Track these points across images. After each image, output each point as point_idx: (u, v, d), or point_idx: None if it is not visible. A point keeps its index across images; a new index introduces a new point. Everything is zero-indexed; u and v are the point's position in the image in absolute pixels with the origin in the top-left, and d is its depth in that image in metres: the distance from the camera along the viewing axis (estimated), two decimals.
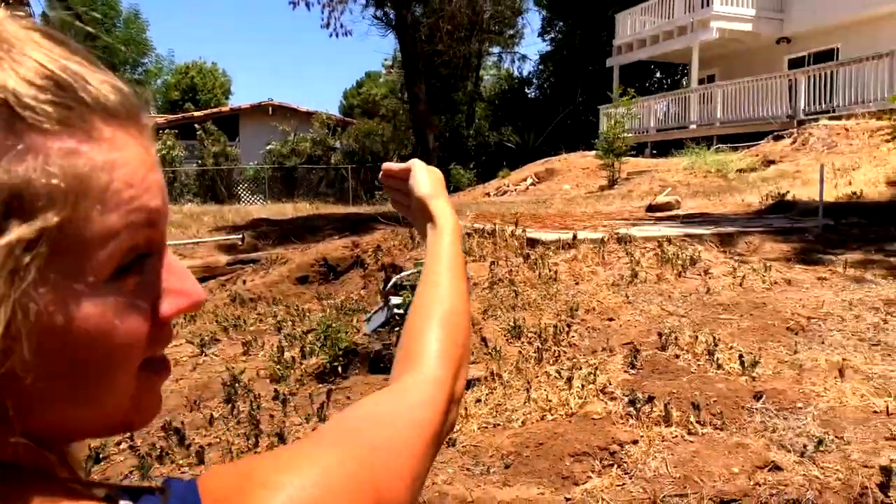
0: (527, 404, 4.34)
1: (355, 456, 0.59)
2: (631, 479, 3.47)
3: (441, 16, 26.59)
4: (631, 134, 17.30)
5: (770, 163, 13.77)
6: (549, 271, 5.84)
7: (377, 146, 29.89)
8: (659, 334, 4.84)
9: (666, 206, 10.70)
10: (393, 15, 13.72)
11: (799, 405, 3.95)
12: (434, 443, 0.69)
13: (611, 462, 3.63)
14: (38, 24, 0.47)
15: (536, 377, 4.61)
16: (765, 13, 20.33)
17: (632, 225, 7.93)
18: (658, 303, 5.43)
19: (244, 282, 9.24)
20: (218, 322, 7.31)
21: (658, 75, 30.19)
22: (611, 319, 5.26)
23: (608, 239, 6.66)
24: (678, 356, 4.62)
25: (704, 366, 4.46)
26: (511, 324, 5.14)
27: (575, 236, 6.53)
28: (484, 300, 5.50)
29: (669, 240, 6.60)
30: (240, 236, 11.63)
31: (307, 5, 14.95)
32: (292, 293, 8.88)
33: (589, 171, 18.08)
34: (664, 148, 19.86)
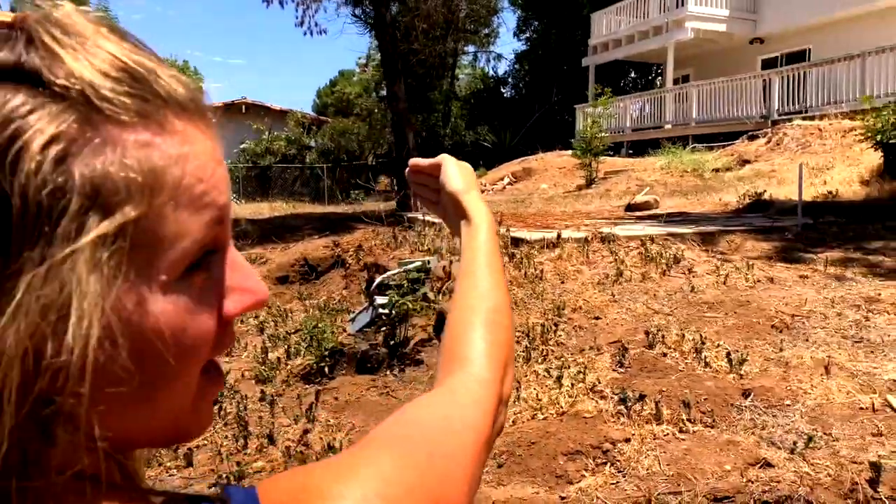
0: (517, 403, 4.34)
1: (414, 464, 0.58)
2: (625, 478, 3.49)
3: (417, 14, 26.55)
4: (607, 133, 17.41)
5: (745, 162, 13.94)
6: (535, 270, 5.85)
7: (353, 145, 29.77)
8: (646, 332, 4.87)
9: (645, 206, 10.79)
10: (372, 13, 13.67)
11: (787, 402, 4.00)
12: (486, 447, 0.67)
13: (604, 460, 3.65)
14: (106, 19, 0.46)
15: (525, 376, 4.61)
16: (738, 14, 20.58)
17: (613, 224, 7.98)
18: (643, 301, 5.47)
19: None
20: None
21: (633, 75, 30.42)
22: (597, 318, 5.28)
23: (592, 238, 6.69)
24: (665, 354, 4.65)
25: (692, 364, 4.49)
26: None
27: (559, 235, 6.55)
28: None
29: (652, 238, 6.65)
30: None
31: (280, 3, 14.81)
32: (273, 293, 8.80)
33: (566, 171, 18.17)
34: (640, 147, 20.03)
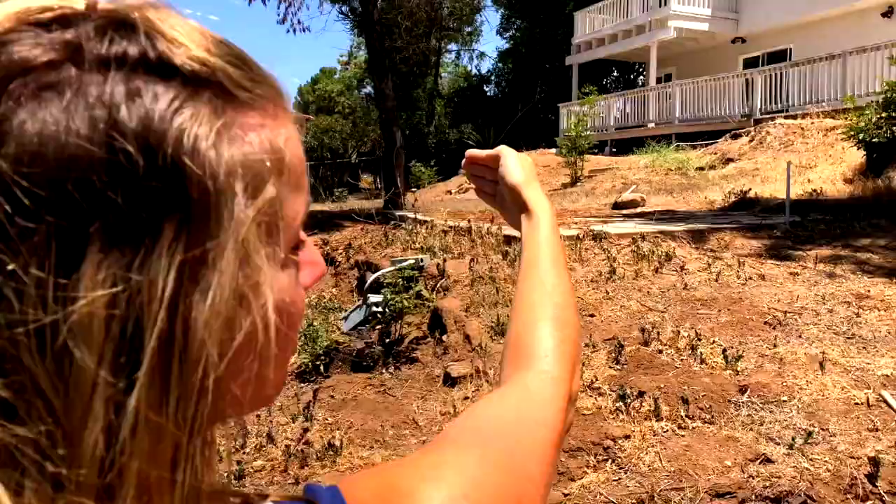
0: None
1: (495, 462, 0.58)
2: (626, 474, 3.51)
3: (400, 12, 26.52)
4: (592, 132, 17.49)
5: (729, 161, 14.06)
6: None
7: (336, 143, 29.66)
8: (641, 329, 4.90)
9: (632, 204, 10.85)
10: (359, 10, 13.62)
11: (783, 398, 4.04)
12: (559, 445, 0.67)
13: (605, 457, 3.67)
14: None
15: None
16: (720, 13, 20.73)
17: (603, 222, 8.01)
18: (637, 298, 5.50)
19: None
20: None
21: (615, 74, 30.56)
22: (592, 315, 5.31)
23: (583, 236, 6.71)
24: (661, 351, 4.69)
25: (688, 360, 4.53)
26: (494, 321, 5.14)
27: None
28: (466, 297, 5.50)
29: (643, 236, 6.69)
30: None
31: (262, 0, 14.70)
32: None
33: (550, 169, 18.21)
34: (624, 146, 20.13)
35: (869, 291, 5.33)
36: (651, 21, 21.01)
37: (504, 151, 0.95)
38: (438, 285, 5.84)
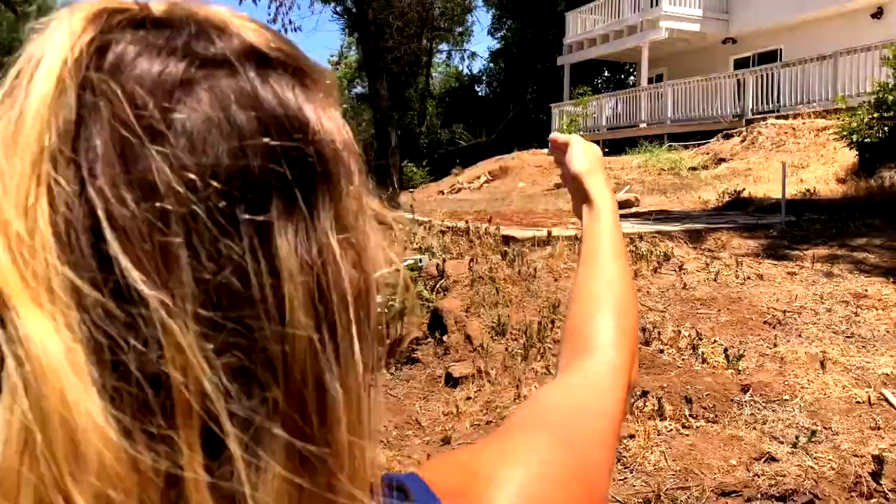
0: (517, 401, 4.36)
1: (568, 447, 0.60)
2: (632, 473, 3.52)
3: (392, 12, 26.50)
4: (584, 132, 17.53)
5: (721, 161, 14.13)
6: (528, 268, 5.88)
7: None
8: (642, 329, 4.91)
9: (626, 204, 10.89)
10: (353, 10, 13.59)
11: (785, 397, 4.07)
12: (618, 435, 0.69)
13: None
14: None
15: (524, 374, 4.63)
16: (711, 14, 20.81)
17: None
18: (637, 298, 5.51)
19: None
20: None
21: (606, 74, 30.64)
22: None
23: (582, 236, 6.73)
24: (662, 351, 4.70)
25: (690, 360, 4.55)
26: (495, 321, 5.15)
27: (550, 233, 6.59)
28: (466, 298, 5.50)
29: (641, 236, 6.71)
30: None
31: (253, 0, 14.64)
32: None
33: (542, 169, 18.25)
34: (616, 146, 20.19)
35: (866, 291, 5.37)
36: (642, 21, 21.08)
37: (573, 139, 0.96)
38: (438, 285, 5.84)
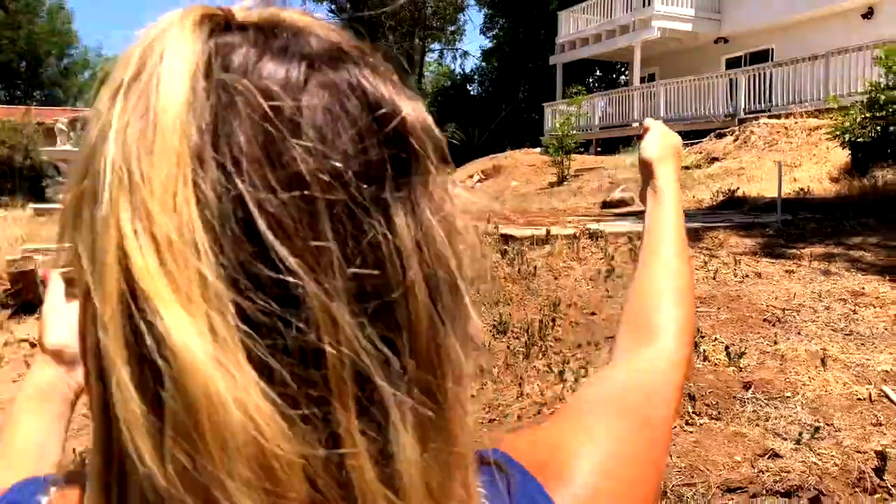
0: (520, 399, 4.38)
1: (641, 428, 0.62)
2: None
3: (384, 11, 26.49)
4: (577, 131, 17.57)
5: (714, 160, 14.19)
6: (528, 267, 5.90)
7: None
8: None
9: (621, 203, 10.92)
10: (348, 8, 13.58)
11: (787, 394, 4.10)
12: (672, 423, 0.71)
13: None
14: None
15: (526, 372, 4.65)
16: (703, 13, 20.90)
17: (596, 221, 8.07)
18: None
19: None
20: None
21: (598, 73, 30.72)
22: (593, 314, 5.35)
23: (580, 235, 6.76)
24: None
25: (691, 358, 4.57)
26: (497, 319, 5.17)
27: (548, 232, 6.61)
28: None
29: (639, 235, 6.73)
30: None
31: None
32: None
33: (535, 168, 18.29)
34: (608, 145, 20.26)
35: (863, 289, 5.41)
36: (635, 21, 21.14)
37: (653, 124, 0.96)
38: None
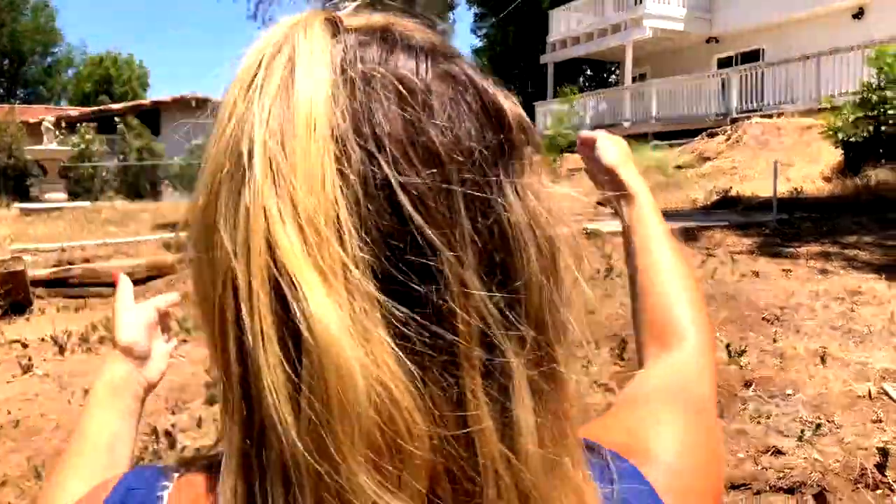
0: None
1: (695, 417, 0.64)
2: None
3: (375, 10, 26.39)
4: (569, 131, 17.61)
5: (706, 159, 14.26)
6: None
7: None
8: None
9: None
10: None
11: (788, 392, 4.13)
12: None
13: None
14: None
15: None
16: (694, 13, 20.98)
17: (590, 221, 8.07)
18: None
19: None
20: (178, 323, 7.08)
21: (588, 73, 30.79)
22: (592, 313, 5.36)
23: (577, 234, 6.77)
24: None
25: None
26: None
27: None
28: None
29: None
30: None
31: None
32: None
33: None
34: None
35: (860, 287, 5.46)
36: (627, 20, 21.20)
37: (599, 134, 0.99)
38: None
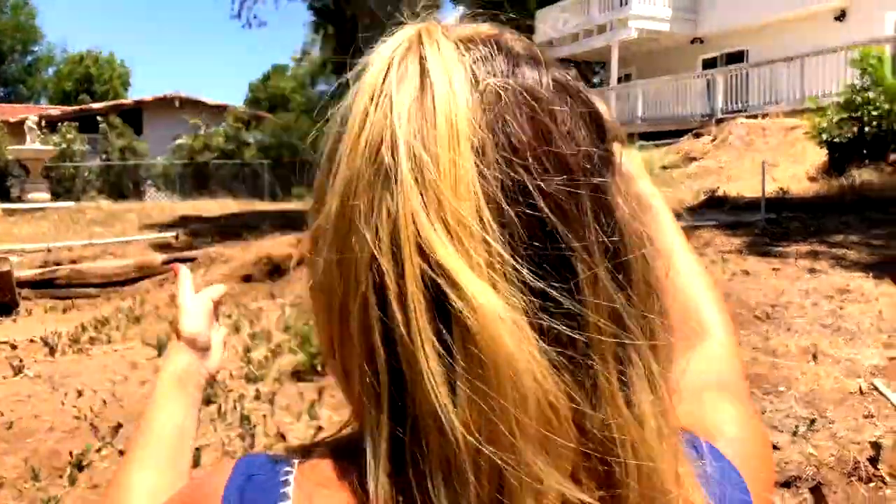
0: None
1: (739, 402, 0.67)
2: None
3: (362, 9, 26.37)
4: None
5: (692, 160, 14.37)
6: None
7: (296, 141, 29.32)
8: None
9: None
10: (329, 5, 13.54)
11: (781, 388, 4.19)
12: None
13: None
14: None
15: None
16: (680, 14, 21.12)
17: None
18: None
19: None
20: (168, 323, 7.07)
21: (573, 73, 30.86)
22: None
23: None
24: None
25: None
26: None
27: None
28: None
29: None
30: (174, 234, 11.22)
31: None
32: (239, 292, 8.68)
33: None
34: None
35: (848, 286, 5.54)
36: (612, 21, 21.31)
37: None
38: None
